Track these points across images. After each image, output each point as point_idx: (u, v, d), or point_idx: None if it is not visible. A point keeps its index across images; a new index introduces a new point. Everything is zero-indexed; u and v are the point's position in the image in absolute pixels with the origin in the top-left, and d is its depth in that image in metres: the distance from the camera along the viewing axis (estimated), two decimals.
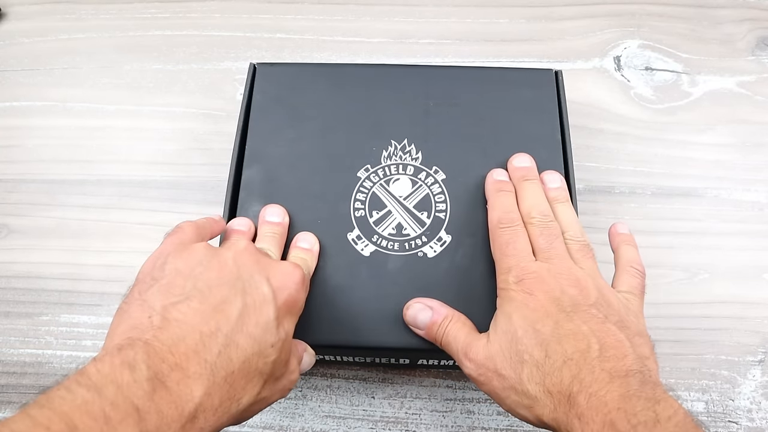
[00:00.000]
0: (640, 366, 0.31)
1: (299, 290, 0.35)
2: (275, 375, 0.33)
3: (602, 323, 0.33)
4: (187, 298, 0.31)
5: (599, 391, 0.30)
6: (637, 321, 0.35)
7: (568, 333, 0.33)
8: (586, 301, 0.34)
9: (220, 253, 0.34)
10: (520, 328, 0.34)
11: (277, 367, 0.33)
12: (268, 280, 0.33)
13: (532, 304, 0.34)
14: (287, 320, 0.34)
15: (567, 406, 0.30)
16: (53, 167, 0.57)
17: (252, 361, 0.31)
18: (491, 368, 0.34)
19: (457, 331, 0.37)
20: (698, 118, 0.58)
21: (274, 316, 0.32)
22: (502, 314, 0.36)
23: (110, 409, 0.25)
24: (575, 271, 0.36)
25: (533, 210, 0.39)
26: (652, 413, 0.28)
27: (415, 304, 0.39)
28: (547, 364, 0.32)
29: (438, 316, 0.38)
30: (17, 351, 0.50)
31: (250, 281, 0.33)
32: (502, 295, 0.37)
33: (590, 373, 0.31)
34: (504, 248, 0.38)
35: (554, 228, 0.38)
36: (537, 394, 0.32)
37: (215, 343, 0.30)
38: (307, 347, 0.38)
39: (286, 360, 0.34)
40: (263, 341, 0.31)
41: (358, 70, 0.48)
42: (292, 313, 0.35)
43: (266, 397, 0.33)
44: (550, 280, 0.35)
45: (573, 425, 0.30)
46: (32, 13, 0.66)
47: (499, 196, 0.41)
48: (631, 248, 0.40)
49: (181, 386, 0.28)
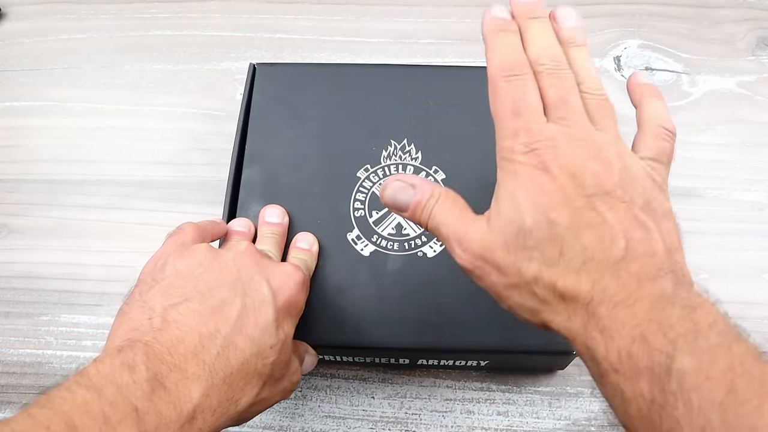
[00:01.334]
0: (671, 263, 0.26)
1: (299, 291, 0.35)
2: (275, 376, 0.33)
3: (627, 209, 0.27)
4: (186, 299, 0.31)
5: (627, 299, 0.25)
6: (663, 198, 0.29)
7: (588, 224, 0.26)
8: (610, 180, 0.27)
9: (220, 255, 0.34)
10: (529, 215, 0.27)
11: (276, 368, 0.33)
12: (267, 282, 0.33)
13: (547, 183, 0.27)
14: (287, 322, 0.34)
15: (585, 316, 0.25)
16: (53, 167, 0.57)
17: (251, 362, 0.31)
18: (490, 260, 0.28)
19: (447, 213, 0.30)
20: (698, 118, 0.58)
21: (274, 317, 0.32)
22: (505, 194, 0.28)
23: (109, 409, 0.25)
24: (596, 137, 0.29)
25: (543, 54, 0.30)
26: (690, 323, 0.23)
27: (393, 182, 0.32)
28: (562, 263, 0.26)
29: (422, 195, 0.31)
30: (17, 351, 0.50)
31: (250, 283, 0.33)
32: (505, 167, 0.29)
33: (615, 278, 0.25)
34: (509, 103, 0.29)
35: (569, 78, 0.30)
36: (547, 297, 0.27)
37: (214, 345, 0.30)
38: (309, 348, 0.38)
39: (286, 361, 0.34)
40: (262, 343, 0.31)
41: (358, 70, 0.48)
42: (292, 315, 0.35)
43: (266, 398, 0.33)
44: (567, 151, 0.28)
45: (594, 339, 0.25)
46: (32, 13, 0.66)
47: (500, 37, 0.31)
48: (659, 102, 0.33)
49: (180, 387, 0.28)
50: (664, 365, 0.23)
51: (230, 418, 0.30)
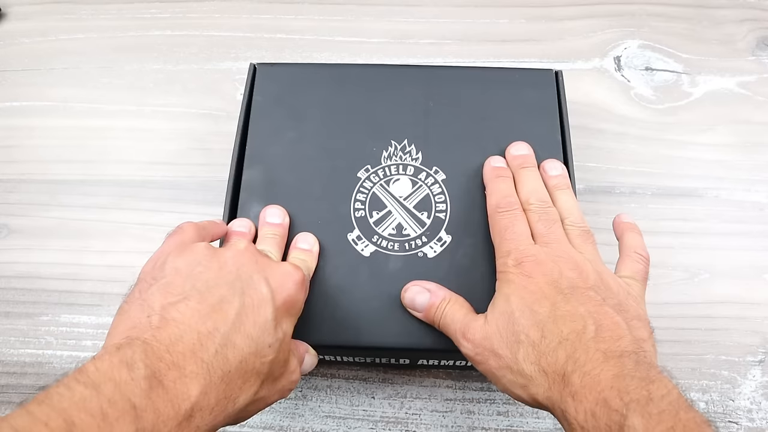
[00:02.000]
0: (635, 347, 0.31)
1: (298, 291, 0.35)
2: (273, 375, 0.33)
3: (599, 305, 0.33)
4: (185, 297, 0.31)
5: (593, 370, 0.30)
6: (636, 305, 0.35)
7: (564, 314, 0.33)
8: (585, 284, 0.34)
9: (219, 254, 0.34)
10: (518, 309, 0.34)
11: (275, 367, 0.33)
12: (267, 281, 0.34)
13: (531, 286, 0.34)
14: (286, 321, 0.34)
15: (561, 385, 0.31)
16: (53, 167, 0.57)
17: (249, 361, 0.31)
18: (488, 348, 0.34)
19: (455, 313, 0.37)
20: (699, 118, 0.58)
21: (272, 316, 0.32)
22: (500, 296, 0.36)
23: (108, 406, 0.25)
24: (574, 254, 0.36)
25: (531, 196, 0.39)
26: (645, 392, 0.28)
27: (412, 287, 0.39)
28: (543, 344, 0.32)
29: (436, 298, 0.38)
30: (17, 351, 0.50)
31: (249, 281, 0.33)
32: (501, 278, 0.37)
33: (585, 353, 0.31)
34: (503, 232, 0.38)
35: (553, 213, 0.38)
36: (532, 373, 0.32)
37: (212, 343, 0.30)
38: (309, 348, 0.38)
39: (284, 360, 0.34)
40: (260, 341, 0.31)
41: (358, 71, 0.48)
42: (291, 314, 0.35)
43: (264, 397, 0.33)
44: (548, 263, 0.35)
45: (567, 403, 0.30)
46: (32, 13, 0.66)
47: (497, 182, 0.41)
48: (636, 235, 0.40)
49: (178, 385, 0.28)
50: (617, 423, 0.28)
51: (228, 417, 0.31)
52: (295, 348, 0.37)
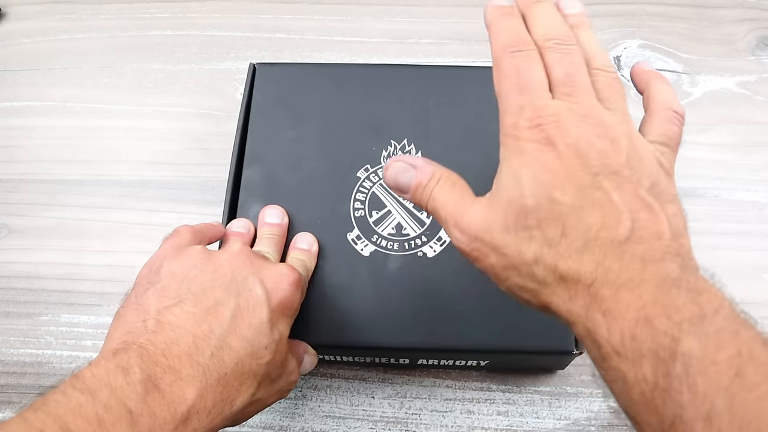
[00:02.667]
0: (677, 246, 0.25)
1: (294, 292, 0.35)
2: (270, 376, 0.33)
3: (635, 190, 0.26)
4: (180, 301, 0.31)
5: (630, 281, 0.24)
6: (669, 183, 0.28)
7: (593, 203, 0.25)
8: (618, 159, 0.26)
9: (214, 256, 0.34)
10: (531, 195, 0.26)
11: (271, 368, 0.33)
12: (261, 282, 0.34)
13: (551, 160, 0.26)
14: (282, 322, 0.34)
15: (587, 298, 0.25)
16: (53, 167, 0.57)
17: (245, 362, 0.31)
18: (488, 242, 0.27)
19: (446, 194, 0.30)
20: (698, 118, 0.58)
21: (268, 317, 0.32)
22: (507, 172, 0.28)
23: (103, 411, 0.25)
24: (605, 115, 0.28)
25: (549, 31, 0.29)
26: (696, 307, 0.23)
27: (395, 163, 0.31)
28: (564, 244, 0.25)
29: (423, 176, 0.30)
30: (17, 351, 0.50)
31: (244, 283, 0.33)
32: (508, 144, 0.28)
33: (619, 259, 0.24)
34: (514, 78, 0.28)
35: (577, 54, 0.29)
36: (546, 279, 0.26)
37: (208, 346, 0.30)
38: (308, 348, 0.38)
39: (281, 361, 0.34)
40: (256, 343, 0.31)
41: (358, 70, 0.48)
42: (287, 315, 0.35)
43: (262, 399, 0.33)
44: (574, 127, 0.27)
45: (595, 321, 0.24)
46: (32, 13, 0.66)
47: (503, 20, 0.30)
48: (667, 86, 0.32)
49: (174, 388, 0.28)
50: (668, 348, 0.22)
51: (225, 419, 0.30)
52: (294, 348, 0.37)
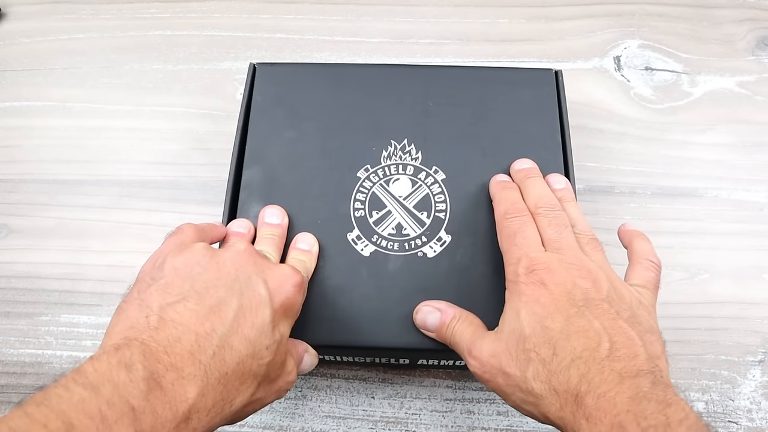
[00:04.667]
0: (651, 366, 0.30)
1: (296, 293, 0.35)
2: (270, 377, 0.33)
3: (614, 319, 0.32)
4: (184, 298, 0.31)
5: (608, 392, 0.29)
6: (648, 317, 0.34)
7: (578, 329, 0.31)
8: (598, 295, 0.33)
9: (218, 254, 0.34)
10: (528, 325, 0.32)
11: (271, 369, 0.33)
12: (265, 282, 0.34)
13: (543, 298, 0.33)
14: (283, 323, 0.34)
15: (574, 406, 0.30)
16: (53, 167, 0.57)
17: (246, 362, 0.31)
18: (496, 366, 0.33)
19: (464, 330, 0.36)
20: (698, 118, 0.58)
21: (270, 318, 0.32)
22: (510, 310, 0.34)
23: (106, 408, 0.25)
24: (587, 262, 0.35)
25: (540, 201, 0.38)
26: (662, 416, 0.27)
27: (423, 307, 0.39)
28: (555, 362, 0.31)
29: (446, 317, 0.37)
30: (17, 351, 0.50)
31: (248, 283, 0.33)
32: (511, 288, 0.35)
33: (599, 373, 0.30)
34: (512, 238, 0.36)
35: (563, 218, 0.37)
36: (543, 392, 0.31)
37: (210, 345, 0.30)
38: (309, 348, 0.38)
39: (281, 362, 0.34)
40: (258, 343, 0.31)
41: (358, 70, 0.48)
42: (289, 316, 0.35)
43: (261, 399, 0.33)
44: (562, 271, 0.34)
45: (580, 425, 0.29)
46: (32, 13, 0.66)
47: (504, 192, 0.40)
48: (646, 242, 0.39)
49: (176, 387, 0.28)
50: None
51: (224, 418, 0.31)
52: (293, 348, 0.37)
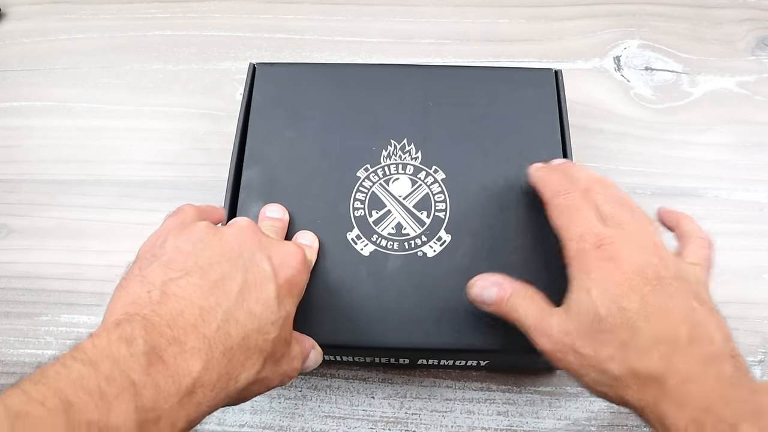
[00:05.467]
0: (729, 349, 0.29)
1: (301, 271, 0.35)
2: (275, 355, 0.33)
3: (687, 299, 0.31)
4: (187, 273, 0.31)
5: (693, 376, 0.28)
6: (708, 296, 0.33)
7: (655, 310, 0.30)
8: (667, 272, 0.32)
9: (221, 231, 0.34)
10: (602, 305, 0.31)
11: (277, 346, 0.32)
12: (269, 259, 0.33)
13: (616, 275, 0.31)
14: (288, 300, 0.33)
15: (656, 390, 0.29)
16: (53, 167, 0.57)
17: (251, 337, 0.30)
18: (568, 344, 0.32)
19: (527, 306, 0.35)
20: (698, 118, 0.58)
21: (275, 294, 0.32)
22: (579, 288, 0.32)
23: (105, 383, 0.24)
24: (651, 236, 0.33)
25: (590, 178, 0.37)
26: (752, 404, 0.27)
27: (478, 281, 0.37)
28: (634, 344, 0.30)
29: (504, 292, 0.35)
30: (17, 351, 0.50)
31: (252, 259, 0.33)
32: (576, 265, 0.33)
33: (682, 357, 0.29)
34: (570, 215, 0.35)
35: (617, 194, 0.36)
36: (621, 374, 0.30)
37: (214, 318, 0.29)
38: (315, 344, 0.38)
39: (286, 339, 0.33)
40: (263, 318, 0.31)
41: (358, 70, 0.48)
42: (293, 294, 0.34)
43: (266, 378, 0.33)
44: (630, 247, 0.32)
45: (664, 409, 0.28)
46: (32, 13, 0.66)
47: (549, 173, 0.39)
48: (693, 221, 0.38)
49: (179, 360, 0.27)
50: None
51: (229, 396, 0.30)
52: (301, 340, 0.37)
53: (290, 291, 0.34)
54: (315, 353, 0.38)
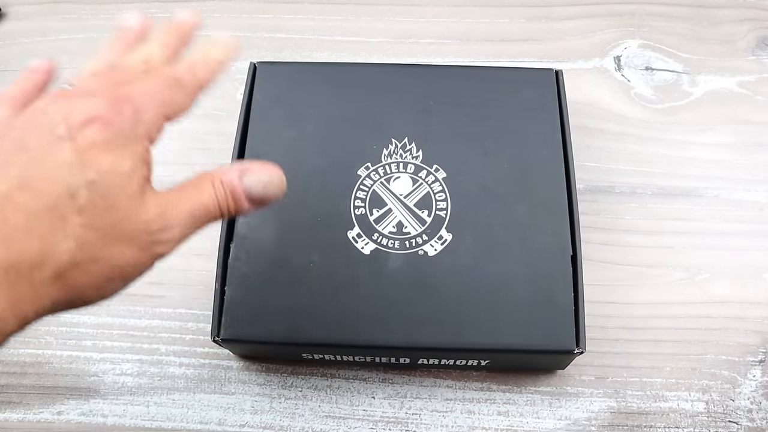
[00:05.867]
0: None
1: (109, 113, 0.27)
2: (104, 217, 0.27)
3: None
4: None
5: None
6: None
7: None
8: None
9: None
10: None
11: (100, 201, 0.27)
12: (65, 120, 0.27)
13: None
14: (106, 155, 0.27)
15: None
16: None
17: (43, 200, 0.25)
18: None
19: None
20: (698, 118, 0.58)
21: (70, 158, 0.26)
22: None
23: None
24: None
25: None
26: None
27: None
28: None
29: None
30: (17, 351, 0.50)
31: (36, 130, 0.27)
32: None
33: None
34: None
35: None
36: None
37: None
38: (254, 168, 0.30)
39: (120, 194, 0.27)
40: (53, 191, 0.25)
41: (358, 70, 0.48)
42: (119, 145, 0.27)
43: (103, 251, 0.27)
44: None
45: None
46: (32, 13, 0.66)
47: None
48: None
49: None
50: None
51: (59, 279, 0.27)
52: (182, 191, 0.30)
53: (109, 144, 0.27)
54: (255, 178, 0.30)
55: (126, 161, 0.28)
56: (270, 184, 0.30)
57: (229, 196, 0.30)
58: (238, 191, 0.30)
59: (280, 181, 0.30)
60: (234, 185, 0.29)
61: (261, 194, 0.30)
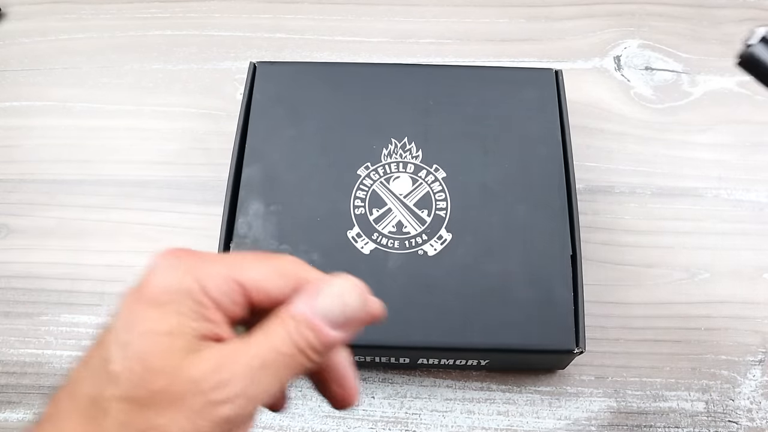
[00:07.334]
0: None
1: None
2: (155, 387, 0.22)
3: None
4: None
5: None
6: None
7: None
8: None
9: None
10: None
11: None
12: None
13: None
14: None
15: None
16: (53, 167, 0.57)
17: None
18: None
19: None
20: (698, 118, 0.58)
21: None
22: None
23: None
24: None
25: None
26: None
27: None
28: None
29: None
30: (17, 351, 0.50)
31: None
32: None
33: None
34: None
35: None
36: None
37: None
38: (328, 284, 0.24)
39: (175, 355, 0.22)
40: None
41: (358, 70, 0.48)
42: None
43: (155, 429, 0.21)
44: None
45: None
46: (32, 13, 0.66)
47: None
48: None
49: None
50: None
51: None
52: (248, 337, 0.23)
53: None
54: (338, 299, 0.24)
55: (170, 316, 0.23)
56: (346, 296, 0.24)
57: (304, 330, 0.23)
58: (314, 321, 0.23)
59: (353, 288, 0.24)
60: (306, 315, 0.23)
61: (342, 315, 0.24)
